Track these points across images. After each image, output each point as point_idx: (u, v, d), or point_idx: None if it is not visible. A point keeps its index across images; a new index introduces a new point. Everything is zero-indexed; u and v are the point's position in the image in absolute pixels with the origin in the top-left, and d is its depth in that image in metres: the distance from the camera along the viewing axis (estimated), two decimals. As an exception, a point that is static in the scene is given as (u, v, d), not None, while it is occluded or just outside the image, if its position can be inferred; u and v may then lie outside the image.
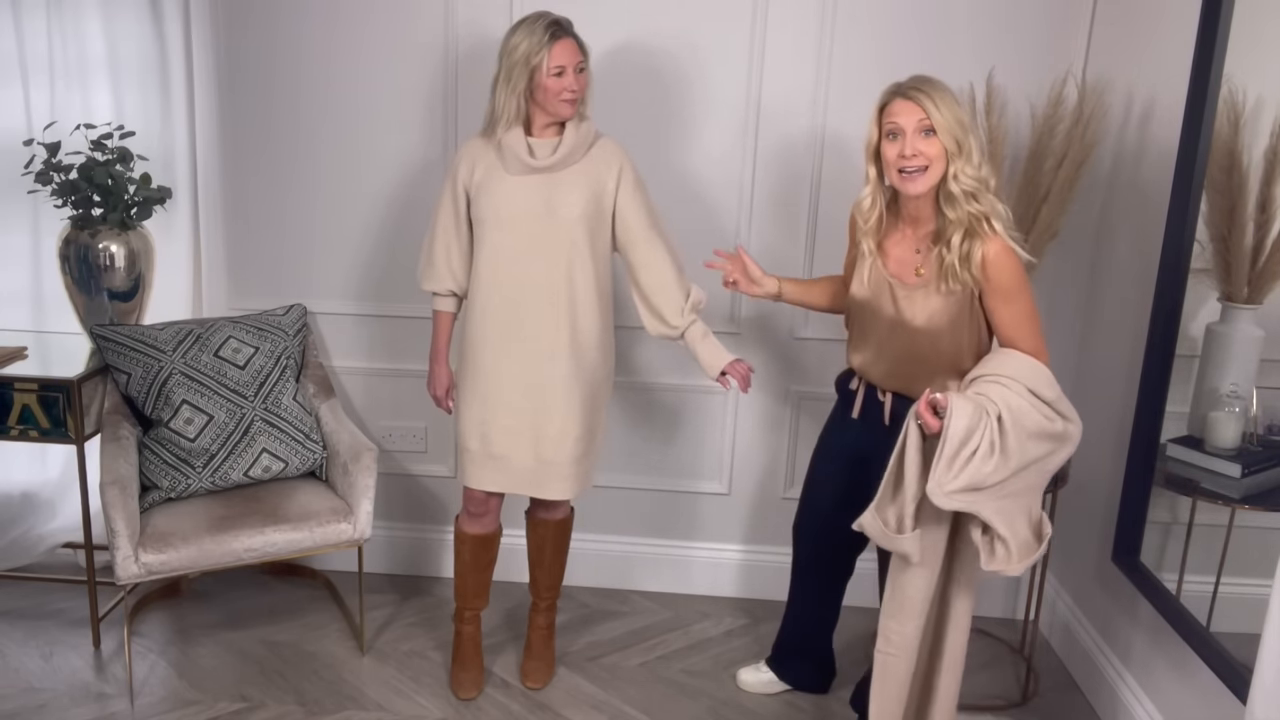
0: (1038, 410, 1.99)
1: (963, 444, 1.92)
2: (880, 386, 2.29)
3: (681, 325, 2.48)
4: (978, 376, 2.06)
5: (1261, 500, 2.18)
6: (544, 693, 2.73)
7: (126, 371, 2.75)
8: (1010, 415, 1.95)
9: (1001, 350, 2.11)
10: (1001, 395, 1.98)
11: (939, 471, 1.94)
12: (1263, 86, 2.14)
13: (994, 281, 2.05)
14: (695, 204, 2.96)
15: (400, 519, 3.29)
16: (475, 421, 2.50)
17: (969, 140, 2.02)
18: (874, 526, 2.08)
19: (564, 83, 2.32)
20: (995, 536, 1.99)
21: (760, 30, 2.85)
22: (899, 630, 2.15)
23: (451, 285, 2.54)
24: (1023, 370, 2.02)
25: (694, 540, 3.24)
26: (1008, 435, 1.94)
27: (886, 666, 2.18)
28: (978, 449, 1.93)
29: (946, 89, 2.04)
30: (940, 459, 1.93)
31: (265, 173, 3.05)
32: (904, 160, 2.03)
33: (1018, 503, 2.00)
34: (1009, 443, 1.94)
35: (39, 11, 2.97)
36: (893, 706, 2.20)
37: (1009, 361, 2.05)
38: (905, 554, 2.08)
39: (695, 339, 2.49)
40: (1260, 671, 1.65)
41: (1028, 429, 1.97)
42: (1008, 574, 2.01)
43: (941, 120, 2.00)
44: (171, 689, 2.68)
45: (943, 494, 1.94)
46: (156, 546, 2.52)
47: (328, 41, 2.94)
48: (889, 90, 2.08)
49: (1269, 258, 2.13)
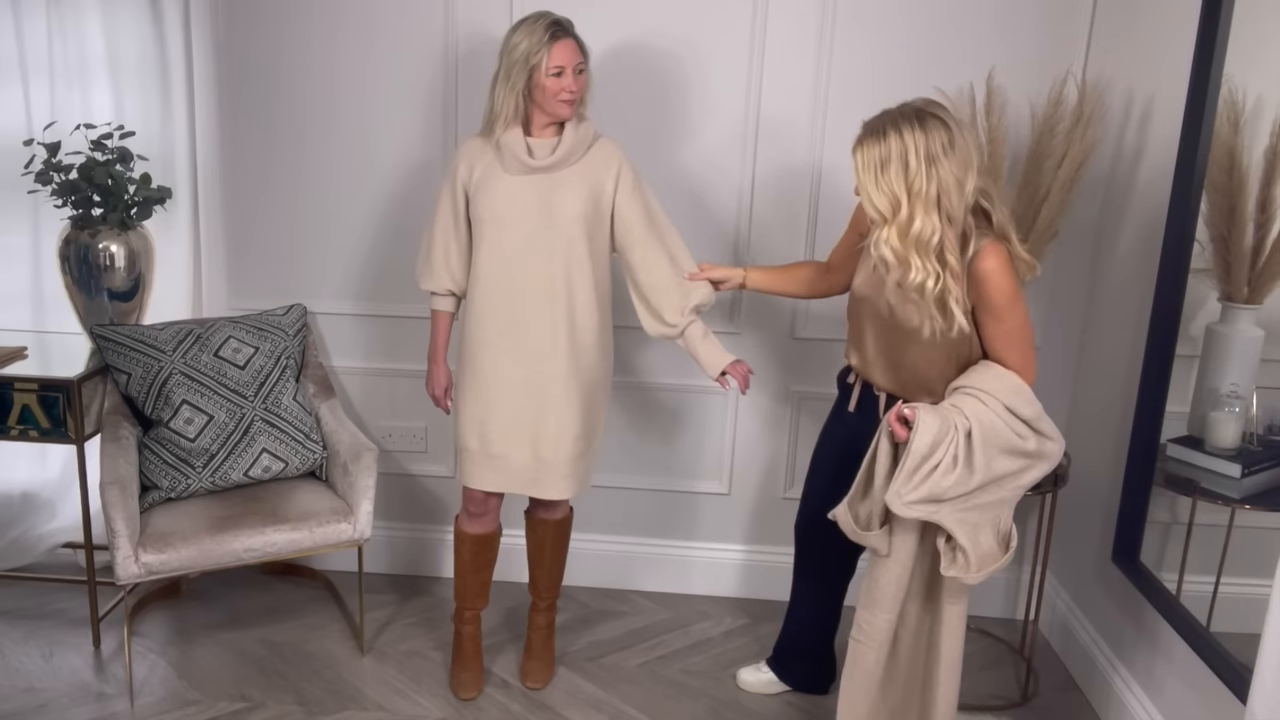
0: (1011, 428, 2.00)
1: (924, 458, 1.96)
2: (875, 383, 2.30)
3: (680, 324, 2.47)
4: (958, 388, 2.07)
5: (1261, 500, 2.19)
6: (544, 693, 2.73)
7: (126, 371, 2.75)
8: (980, 431, 1.97)
9: (985, 364, 2.09)
10: (975, 410, 1.99)
11: (899, 482, 1.97)
12: (1263, 86, 2.14)
13: (986, 299, 2.03)
14: (695, 203, 2.96)
15: (400, 519, 3.29)
16: (474, 421, 2.50)
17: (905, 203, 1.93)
18: (845, 520, 2.13)
19: (563, 83, 2.32)
20: (956, 545, 2.02)
21: (760, 30, 2.85)
22: (870, 620, 2.17)
23: (450, 285, 2.54)
24: (1003, 387, 2.02)
25: (694, 540, 3.24)
26: (975, 451, 1.96)
27: (856, 655, 2.21)
28: (940, 463, 1.95)
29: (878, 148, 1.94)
30: (901, 470, 1.97)
31: (265, 173, 3.05)
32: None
33: (984, 515, 2.02)
34: (975, 458, 1.96)
35: (39, 11, 2.97)
36: (858, 695, 2.22)
37: (990, 376, 2.05)
38: (874, 548, 2.14)
39: (695, 339, 2.49)
40: (1260, 671, 1.65)
41: (998, 445, 1.98)
42: (966, 581, 2.04)
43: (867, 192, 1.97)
44: (171, 689, 2.68)
45: (901, 503, 1.98)
46: (156, 546, 2.52)
47: (328, 41, 2.94)
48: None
49: (1269, 258, 2.13)
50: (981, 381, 2.04)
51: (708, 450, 3.16)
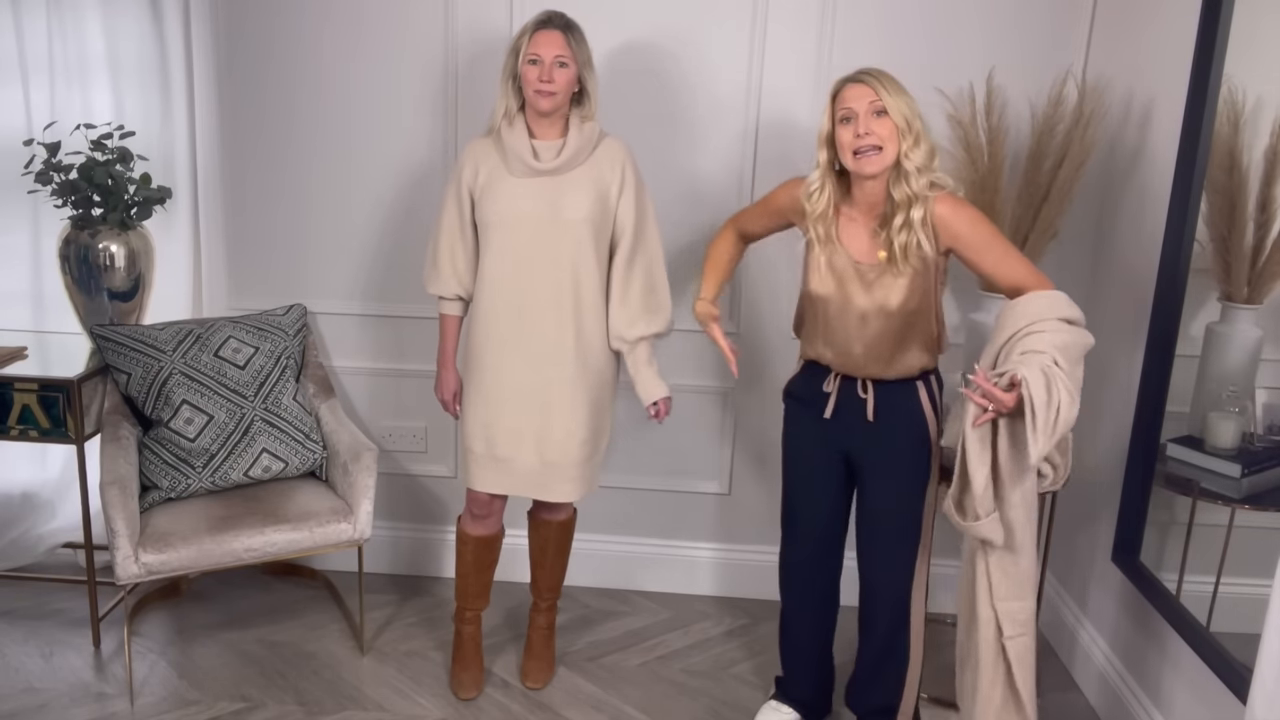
0: (1073, 336, 2.02)
1: (1047, 405, 1.93)
2: (858, 375, 2.27)
3: (619, 346, 2.51)
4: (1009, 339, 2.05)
5: (1261, 500, 2.19)
6: (544, 693, 2.73)
7: (126, 371, 2.75)
8: (1063, 354, 1.98)
9: (1008, 305, 2.11)
10: (1045, 342, 1.99)
11: (1041, 441, 1.94)
12: (1263, 86, 2.14)
13: (961, 235, 2.12)
14: (695, 203, 2.96)
15: (400, 519, 3.29)
16: (480, 423, 2.50)
17: (917, 122, 2.11)
18: (955, 519, 2.11)
19: (537, 72, 2.30)
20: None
21: (760, 31, 2.85)
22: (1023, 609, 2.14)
23: (457, 289, 2.53)
24: (1044, 308, 2.04)
25: (694, 540, 3.24)
26: (1072, 372, 1.98)
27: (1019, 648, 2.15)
28: (1059, 402, 1.94)
29: (893, 77, 2.13)
30: (1036, 430, 1.93)
31: (265, 172, 3.05)
32: (858, 140, 2.10)
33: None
34: (1077, 376, 2.00)
35: (39, 11, 2.97)
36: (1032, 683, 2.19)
37: (1026, 309, 2.06)
38: (987, 538, 2.09)
39: (638, 363, 2.53)
40: (1260, 671, 1.65)
41: (1077, 355, 2.02)
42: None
43: (892, 101, 2.09)
44: (171, 689, 2.68)
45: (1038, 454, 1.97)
46: (156, 546, 2.52)
47: (328, 41, 2.94)
48: (840, 79, 2.16)
49: (1269, 258, 2.13)
50: (1023, 318, 2.05)
51: (708, 450, 3.16)
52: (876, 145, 2.08)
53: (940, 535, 2.45)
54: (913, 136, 2.09)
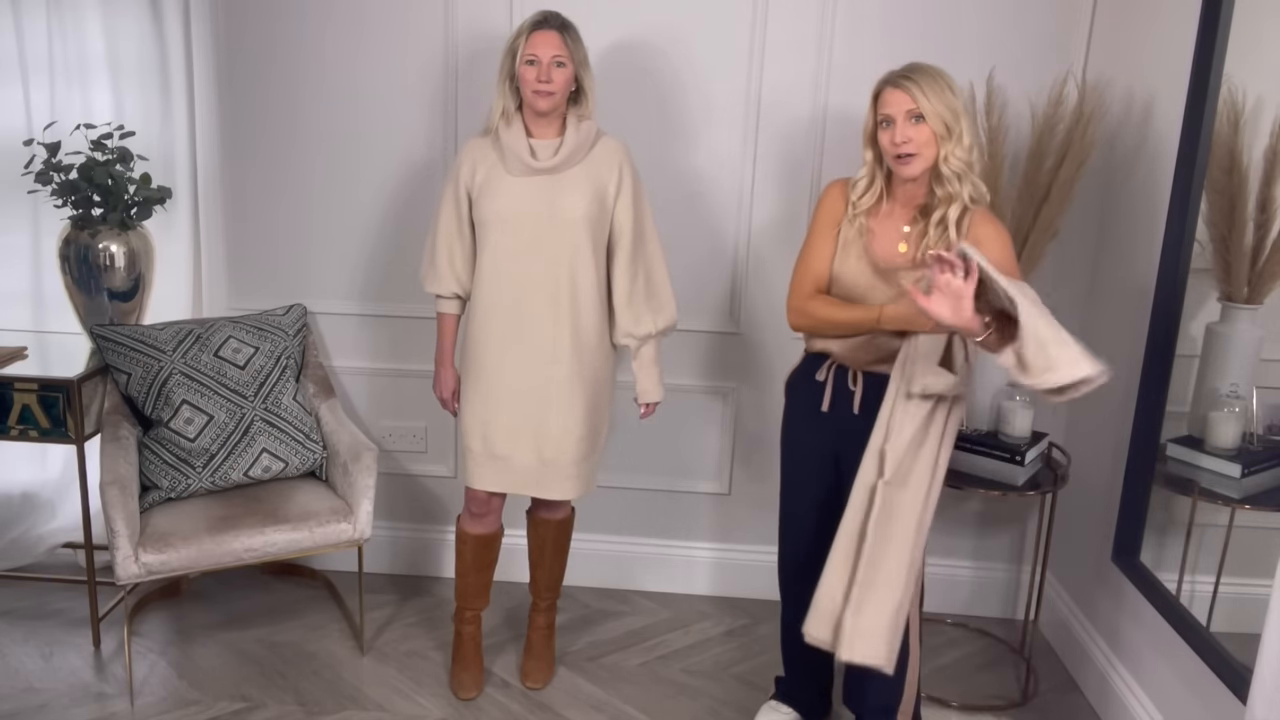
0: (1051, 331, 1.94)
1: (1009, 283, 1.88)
2: (860, 369, 2.26)
3: (625, 344, 2.53)
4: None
5: (1261, 500, 2.19)
6: (544, 693, 2.73)
7: (126, 371, 2.75)
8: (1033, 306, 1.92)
9: None
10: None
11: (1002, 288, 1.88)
12: (1263, 86, 2.14)
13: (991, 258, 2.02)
14: (696, 202, 2.96)
15: (400, 519, 3.29)
16: (477, 422, 2.50)
17: (960, 124, 2.09)
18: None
19: (535, 72, 2.31)
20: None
21: (760, 32, 2.85)
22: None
23: (455, 288, 2.53)
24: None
25: (694, 540, 3.24)
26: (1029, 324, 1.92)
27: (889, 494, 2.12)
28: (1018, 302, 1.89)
29: (938, 75, 2.09)
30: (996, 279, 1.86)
31: (265, 172, 3.05)
32: (895, 147, 2.09)
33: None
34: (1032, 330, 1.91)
35: (39, 11, 2.97)
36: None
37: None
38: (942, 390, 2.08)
39: (643, 361, 2.56)
40: (1260, 671, 1.65)
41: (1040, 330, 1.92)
42: None
43: (929, 106, 2.06)
44: (171, 689, 2.68)
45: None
46: (156, 546, 2.52)
47: (328, 41, 2.94)
48: (882, 79, 2.14)
49: (1269, 258, 2.13)
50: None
51: (708, 450, 3.16)
52: (912, 152, 2.08)
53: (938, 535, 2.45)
54: (954, 140, 2.08)
